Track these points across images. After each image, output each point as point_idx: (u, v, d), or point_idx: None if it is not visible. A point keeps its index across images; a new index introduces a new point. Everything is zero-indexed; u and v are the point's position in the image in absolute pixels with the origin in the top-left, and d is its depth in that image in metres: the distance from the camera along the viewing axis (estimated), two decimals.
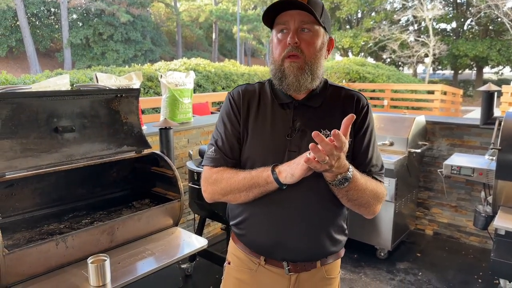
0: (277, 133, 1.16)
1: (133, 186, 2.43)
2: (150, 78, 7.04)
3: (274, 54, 1.15)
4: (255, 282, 1.24)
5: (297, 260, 1.19)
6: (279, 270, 1.20)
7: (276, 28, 1.14)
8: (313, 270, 1.21)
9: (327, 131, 1.12)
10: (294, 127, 1.15)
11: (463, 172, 2.78)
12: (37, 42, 21.94)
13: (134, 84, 2.83)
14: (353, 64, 12.80)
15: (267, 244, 1.20)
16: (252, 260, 1.24)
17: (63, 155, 1.92)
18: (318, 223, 1.17)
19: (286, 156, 1.13)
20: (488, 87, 3.04)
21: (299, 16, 1.09)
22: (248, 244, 1.24)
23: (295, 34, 1.09)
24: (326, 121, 1.15)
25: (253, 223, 1.21)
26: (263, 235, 1.19)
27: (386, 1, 21.56)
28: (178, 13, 27.44)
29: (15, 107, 1.77)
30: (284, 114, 1.18)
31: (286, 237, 1.17)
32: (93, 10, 22.60)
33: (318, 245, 1.19)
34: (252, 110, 1.20)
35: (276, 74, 1.14)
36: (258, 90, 1.24)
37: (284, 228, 1.16)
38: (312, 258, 1.20)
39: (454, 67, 23.60)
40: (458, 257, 3.33)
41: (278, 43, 1.13)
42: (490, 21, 20.34)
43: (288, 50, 1.10)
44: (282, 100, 1.19)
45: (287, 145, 1.14)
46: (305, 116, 1.16)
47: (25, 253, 1.53)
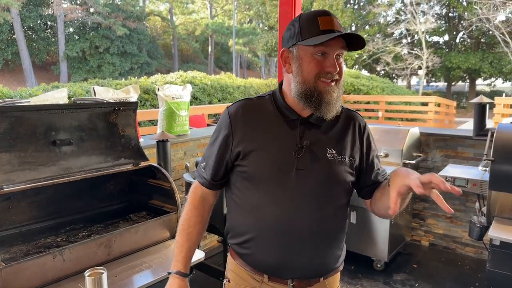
0: (284, 151, 1.14)
1: (130, 199, 2.43)
2: (146, 91, 7.08)
3: (306, 73, 1.10)
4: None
5: (302, 277, 1.20)
6: (282, 286, 1.20)
7: (315, 48, 1.08)
8: (316, 284, 1.22)
9: (333, 150, 1.16)
10: (301, 145, 1.14)
11: (457, 183, 2.81)
12: (33, 55, 22.00)
13: (132, 97, 2.85)
14: (348, 76, 12.95)
15: (273, 263, 1.19)
16: (254, 278, 1.23)
17: (60, 168, 1.93)
18: (324, 242, 1.19)
19: (294, 174, 1.12)
20: (480, 99, 3.10)
21: (340, 42, 1.09)
22: (253, 263, 1.22)
23: (336, 62, 1.09)
24: (331, 140, 1.18)
25: (260, 243, 1.18)
26: (270, 255, 1.18)
27: (379, 15, 21.91)
28: (174, 27, 27.71)
29: (13, 121, 1.78)
30: (291, 132, 1.16)
31: (293, 257, 1.16)
32: (90, 23, 22.76)
33: (323, 263, 1.21)
34: (255, 126, 1.18)
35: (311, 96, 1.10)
36: (260, 105, 1.22)
37: (292, 248, 1.16)
38: (316, 275, 1.22)
39: (447, 79, 23.91)
40: (454, 268, 3.34)
41: (316, 64, 1.09)
42: (481, 34, 20.68)
43: (327, 76, 1.09)
44: (288, 117, 1.17)
45: (294, 163, 1.13)
46: (311, 134, 1.16)
47: (22, 266, 1.53)
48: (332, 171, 1.14)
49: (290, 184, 1.12)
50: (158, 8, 28.89)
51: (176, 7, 29.09)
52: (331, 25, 1.07)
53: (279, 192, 1.13)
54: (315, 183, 1.13)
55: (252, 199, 1.17)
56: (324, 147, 1.15)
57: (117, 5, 23.52)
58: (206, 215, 1.33)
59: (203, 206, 1.32)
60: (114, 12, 22.56)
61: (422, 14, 19.91)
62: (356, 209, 3.27)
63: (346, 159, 1.17)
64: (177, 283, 1.26)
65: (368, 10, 20.93)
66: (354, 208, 3.29)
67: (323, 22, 1.07)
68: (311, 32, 1.08)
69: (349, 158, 1.18)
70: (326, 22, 1.07)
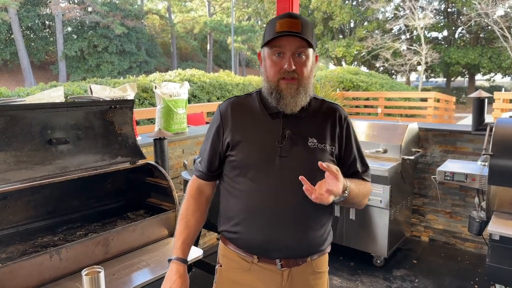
0: (269, 141, 1.25)
1: (128, 197, 2.42)
2: (145, 89, 7.05)
3: (268, 73, 1.24)
4: (249, 281, 1.31)
5: (289, 257, 1.27)
6: (271, 266, 1.27)
7: (271, 49, 1.21)
8: (304, 264, 1.30)
9: (314, 139, 1.26)
10: (283, 134, 1.25)
11: (456, 178, 2.80)
12: (31, 55, 21.96)
13: (129, 95, 2.84)
14: (347, 73, 12.91)
15: (261, 244, 1.27)
16: (245, 260, 1.30)
17: (57, 167, 1.92)
18: (308, 223, 1.27)
19: (278, 161, 1.23)
20: (479, 93, 3.09)
21: (295, 42, 1.18)
22: (242, 245, 1.30)
23: (291, 60, 1.19)
24: (311, 130, 1.28)
25: (248, 225, 1.27)
26: (258, 236, 1.26)
27: (378, 11, 21.83)
28: (172, 25, 27.64)
29: (8, 120, 1.77)
30: (274, 123, 1.27)
31: (279, 236, 1.25)
32: (88, 22, 22.71)
33: (308, 244, 1.29)
34: (242, 120, 1.30)
35: (272, 94, 1.23)
36: (247, 101, 1.34)
37: (278, 229, 1.25)
38: (302, 255, 1.29)
39: (446, 74, 23.88)
40: (454, 263, 3.33)
41: (274, 64, 1.21)
42: (480, 29, 20.65)
43: (285, 74, 1.20)
44: (271, 111, 1.28)
45: (278, 151, 1.24)
46: (293, 125, 1.26)
47: (19, 266, 1.52)
48: (313, 158, 1.21)
49: (274, 171, 1.23)
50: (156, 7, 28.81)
51: (174, 5, 29.01)
52: (286, 27, 1.17)
53: (265, 178, 1.24)
54: (297, 169, 1.20)
55: (241, 185, 1.27)
56: (305, 136, 1.26)
57: (115, 4, 23.46)
58: (204, 206, 1.41)
59: (200, 197, 1.40)
60: (112, 11, 22.49)
61: (420, 9, 19.86)
62: None
63: (327, 147, 1.27)
64: (176, 268, 1.31)
65: (367, 6, 20.85)
66: None
67: (280, 24, 1.18)
68: (269, 35, 1.20)
69: (329, 146, 1.28)
70: (282, 25, 1.18)
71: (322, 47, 22.03)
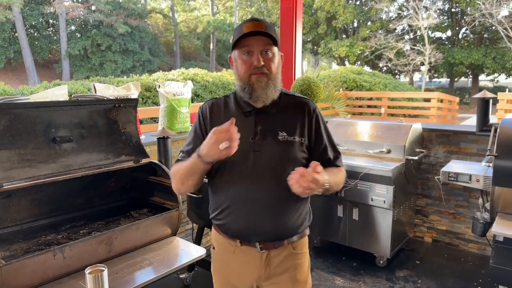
0: (243, 137, 1.29)
1: (131, 196, 2.43)
2: (148, 88, 7.06)
3: (240, 72, 1.35)
4: (235, 261, 1.46)
5: (267, 241, 1.40)
6: (252, 249, 1.41)
7: (240, 49, 1.34)
8: (281, 247, 1.42)
9: (284, 133, 1.37)
10: (256, 131, 1.37)
11: (460, 179, 2.79)
12: (35, 53, 22.01)
13: (132, 94, 2.84)
14: (350, 72, 12.87)
15: (242, 229, 1.41)
16: (230, 244, 1.45)
17: (61, 165, 1.93)
18: (282, 210, 1.39)
19: (252, 155, 1.35)
20: (483, 94, 3.07)
21: (262, 41, 1.32)
22: (227, 231, 1.45)
23: (260, 56, 1.31)
24: (281, 124, 1.39)
25: (230, 213, 1.41)
26: (238, 223, 1.41)
27: (381, 11, 21.76)
28: (176, 24, 27.64)
29: (12, 118, 1.77)
30: (247, 121, 1.39)
31: (257, 223, 1.38)
32: (91, 21, 22.73)
33: (283, 228, 1.41)
34: (219, 120, 1.39)
35: (245, 89, 1.35)
36: (224, 102, 1.47)
37: (256, 216, 1.38)
38: (279, 238, 1.41)
39: (450, 75, 23.76)
40: (457, 264, 3.32)
41: (244, 63, 1.33)
42: (484, 29, 20.54)
43: (255, 70, 1.31)
44: (244, 109, 1.40)
45: (251, 146, 1.35)
46: (264, 121, 1.38)
47: (22, 264, 1.53)
48: (283, 150, 1.35)
49: (250, 164, 1.34)
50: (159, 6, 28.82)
51: (178, 5, 29.01)
52: (251, 27, 1.30)
53: (241, 171, 1.35)
54: (270, 161, 1.34)
55: (222, 178, 1.40)
56: (275, 131, 1.37)
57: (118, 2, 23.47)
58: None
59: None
60: (115, 10, 22.52)
61: (424, 9, 19.78)
62: (358, 205, 3.26)
63: (296, 139, 1.38)
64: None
65: (370, 6, 20.77)
66: (356, 205, 3.27)
67: (246, 27, 1.31)
68: (237, 37, 1.32)
69: (299, 138, 1.38)
70: (248, 27, 1.31)
71: (325, 46, 21.99)
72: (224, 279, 1.53)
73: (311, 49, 23.46)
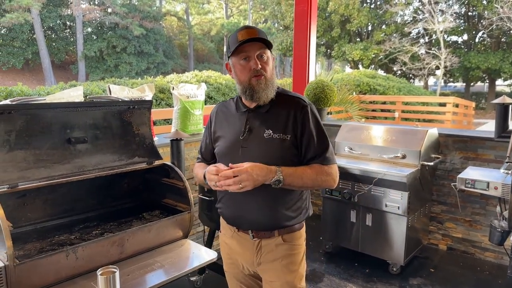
0: (235, 135, 1.54)
1: (144, 197, 2.43)
2: (162, 90, 7.11)
3: (240, 77, 1.48)
4: (235, 244, 1.62)
5: (258, 229, 1.53)
6: (246, 236, 1.56)
7: (238, 56, 1.46)
8: (272, 237, 1.54)
9: (270, 130, 1.48)
10: (245, 129, 1.52)
11: (477, 186, 2.72)
12: (52, 54, 22.44)
13: (147, 96, 2.85)
14: (364, 76, 12.77)
15: (235, 217, 1.58)
16: (230, 228, 1.62)
17: (75, 166, 1.94)
18: (271, 201, 1.50)
19: (240, 151, 1.50)
20: (503, 99, 2.99)
21: (257, 46, 1.45)
22: (225, 218, 1.64)
23: (257, 60, 1.44)
24: (270, 123, 1.50)
25: (225, 201, 1.60)
26: (230, 211, 1.59)
27: (396, 14, 21.55)
28: (190, 27, 27.87)
29: (29, 118, 1.79)
30: (241, 120, 1.55)
31: (246, 212, 1.53)
32: (107, 23, 23.09)
33: (272, 219, 1.52)
34: (223, 121, 1.62)
35: (246, 91, 1.47)
36: (229, 104, 1.64)
37: (245, 206, 1.52)
38: (268, 228, 1.53)
39: (466, 79, 23.36)
40: (473, 273, 3.24)
41: (243, 68, 1.46)
42: (502, 33, 20.14)
43: (254, 73, 1.44)
44: (240, 110, 1.57)
45: (240, 143, 1.51)
46: (255, 119, 1.52)
47: (36, 264, 1.54)
48: (268, 147, 1.47)
49: (239, 159, 1.44)
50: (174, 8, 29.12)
51: (192, 7, 29.26)
52: (246, 35, 1.42)
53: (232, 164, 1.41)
54: (256, 157, 1.43)
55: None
56: (262, 129, 1.49)
57: (134, 5, 23.80)
58: None
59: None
60: (131, 12, 22.83)
61: (440, 13, 19.51)
62: (371, 211, 3.21)
63: (281, 136, 1.47)
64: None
65: (385, 9, 20.60)
66: (369, 210, 3.22)
67: (241, 35, 1.43)
68: (234, 44, 1.44)
69: (284, 135, 1.47)
70: (243, 35, 1.43)
71: (339, 49, 21.86)
72: (228, 254, 1.69)
73: (325, 52, 23.35)
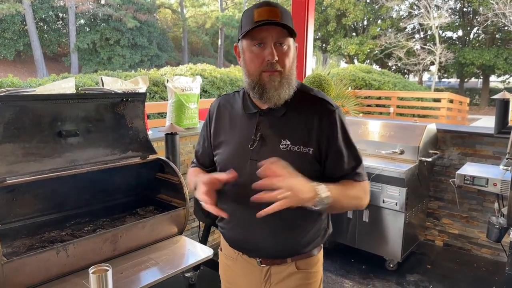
0: (242, 143, 1.22)
1: (138, 193, 2.37)
2: (156, 83, 7.02)
3: (249, 67, 1.16)
4: (237, 269, 1.36)
5: (266, 257, 1.27)
6: (253, 260, 1.29)
7: (250, 41, 1.13)
8: (283, 264, 1.27)
9: (287, 141, 1.17)
10: (256, 137, 1.20)
11: (476, 183, 2.70)
12: (44, 46, 22.10)
13: (140, 88, 2.78)
14: (359, 71, 12.74)
15: (239, 242, 1.31)
16: (233, 250, 1.35)
17: (66, 160, 1.87)
18: (283, 228, 1.22)
19: (249, 164, 1.19)
20: (503, 95, 2.97)
21: (276, 32, 1.11)
22: (226, 240, 1.37)
23: (273, 49, 1.11)
24: (288, 131, 1.18)
25: (228, 222, 1.31)
26: (234, 234, 1.32)
27: (392, 9, 21.51)
28: (184, 19, 27.60)
29: (18, 110, 1.72)
30: (250, 124, 1.23)
31: (254, 238, 1.25)
32: (101, 15, 22.76)
33: (284, 246, 1.25)
34: (225, 121, 1.30)
35: (254, 88, 1.16)
36: (234, 100, 1.31)
37: (252, 230, 1.24)
38: (280, 256, 1.27)
39: (460, 75, 23.46)
40: (469, 269, 3.23)
41: (255, 56, 1.13)
42: (497, 29, 20.21)
43: (267, 66, 1.12)
44: (249, 110, 1.24)
45: (249, 154, 1.20)
46: (267, 125, 1.20)
47: (25, 261, 1.47)
48: (284, 161, 1.06)
49: (246, 173, 1.18)
50: (168, 1, 28.78)
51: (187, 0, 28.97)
52: (265, 15, 1.09)
53: (238, 179, 1.17)
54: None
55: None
56: (278, 138, 1.18)
57: None
58: None
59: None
60: (124, 4, 22.52)
61: (436, 8, 19.51)
62: (368, 207, 3.18)
63: (301, 149, 1.17)
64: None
65: (381, 4, 20.55)
66: (366, 207, 3.19)
67: (258, 13, 1.10)
68: (247, 25, 1.11)
69: (306, 148, 1.17)
70: (260, 13, 1.10)
71: (334, 44, 21.81)
72: (228, 277, 1.43)
73: (320, 46, 23.29)
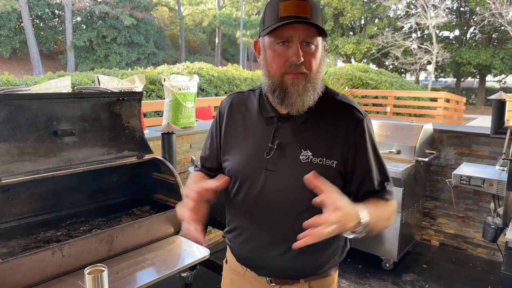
0: (257, 151, 1.10)
1: (134, 192, 2.36)
2: (152, 81, 6.99)
3: (270, 67, 1.03)
4: (244, 285, 1.24)
5: (276, 277, 1.17)
6: (262, 279, 1.19)
7: (274, 39, 1.00)
8: (297, 285, 1.16)
9: (308, 151, 1.05)
10: (273, 144, 1.08)
11: (472, 183, 2.71)
12: (40, 44, 21.99)
13: (137, 87, 2.77)
14: (356, 70, 12.76)
15: (248, 259, 1.20)
16: (240, 266, 1.24)
17: (62, 160, 1.86)
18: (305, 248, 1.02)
19: (263, 175, 1.08)
20: (500, 95, 2.97)
21: (303, 30, 0.97)
22: (234, 254, 1.25)
23: (299, 50, 0.98)
24: (309, 140, 1.06)
25: (237, 236, 1.20)
26: (243, 249, 1.19)
27: (389, 8, 21.58)
28: (181, 17, 27.54)
29: (13, 109, 1.70)
30: (266, 130, 1.11)
31: (264, 256, 1.14)
32: (97, 13, 22.66)
33: (299, 266, 1.13)
34: (237, 123, 1.17)
35: (275, 91, 1.04)
36: (248, 99, 1.19)
37: (263, 249, 1.14)
38: (292, 277, 1.16)
39: (456, 74, 23.57)
40: (465, 269, 3.24)
41: (278, 56, 1.00)
42: (493, 29, 20.31)
43: (291, 68, 0.99)
44: (266, 114, 1.12)
45: (265, 163, 1.08)
46: (286, 132, 1.08)
47: (19, 262, 1.46)
48: (303, 175, 0.93)
49: (259, 184, 1.09)
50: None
51: None
52: (292, 10, 0.96)
53: (250, 191, 1.10)
54: (285, 185, 1.06)
55: (231, 194, 1.17)
56: (298, 148, 1.06)
57: None
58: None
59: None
60: (121, 2, 22.43)
61: (433, 8, 19.58)
62: None
63: (324, 162, 1.04)
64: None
65: (378, 3, 20.60)
66: None
67: (283, 7, 0.97)
68: (271, 20, 0.99)
69: (329, 160, 1.04)
70: (287, 8, 0.96)
71: (332, 43, 21.83)
72: None
73: None
